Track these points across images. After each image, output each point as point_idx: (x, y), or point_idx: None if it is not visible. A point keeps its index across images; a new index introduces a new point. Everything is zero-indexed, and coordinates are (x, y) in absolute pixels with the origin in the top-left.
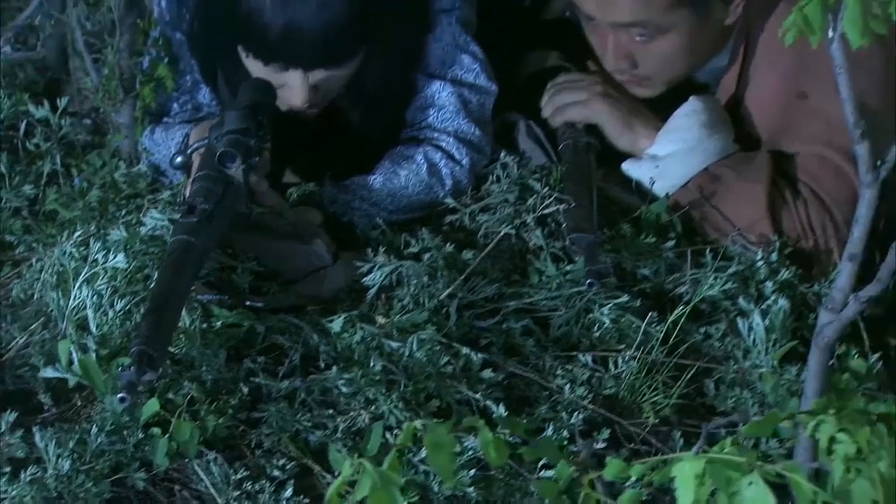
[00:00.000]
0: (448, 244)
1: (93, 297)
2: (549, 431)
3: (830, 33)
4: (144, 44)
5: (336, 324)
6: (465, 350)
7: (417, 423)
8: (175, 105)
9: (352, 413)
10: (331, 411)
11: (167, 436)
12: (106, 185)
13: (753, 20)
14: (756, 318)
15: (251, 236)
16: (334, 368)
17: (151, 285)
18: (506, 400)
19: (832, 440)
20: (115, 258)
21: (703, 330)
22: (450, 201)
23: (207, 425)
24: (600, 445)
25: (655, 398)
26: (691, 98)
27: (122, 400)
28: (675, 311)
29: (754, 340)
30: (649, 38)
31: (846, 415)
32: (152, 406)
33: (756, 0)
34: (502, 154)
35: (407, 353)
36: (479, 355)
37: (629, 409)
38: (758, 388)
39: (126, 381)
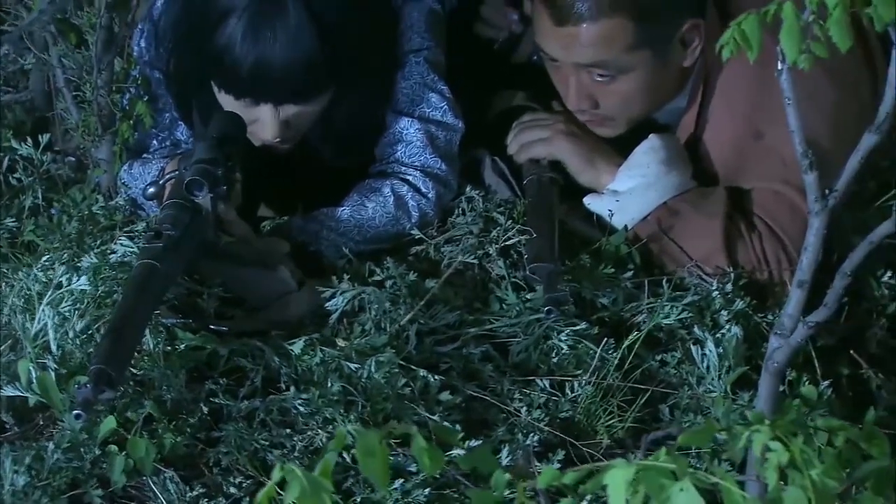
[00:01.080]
0: (412, 273)
1: (55, 318)
2: (505, 453)
3: (779, 65)
4: (125, 81)
5: (297, 346)
6: (422, 373)
7: (349, 428)
8: (154, 142)
9: (309, 433)
10: (288, 431)
11: (124, 453)
12: (84, 217)
13: (711, 64)
14: (710, 345)
15: (218, 264)
16: (293, 389)
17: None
18: (463, 422)
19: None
20: (78, 280)
21: (659, 357)
22: (416, 233)
23: (164, 443)
24: (555, 466)
25: (611, 422)
26: (651, 136)
27: (77, 416)
28: (630, 337)
29: (708, 367)
30: (610, 78)
31: (780, 425)
32: (109, 423)
33: (713, 45)
34: (468, 188)
35: (365, 375)
36: (438, 378)
37: (584, 432)
38: (711, 413)
39: (82, 398)
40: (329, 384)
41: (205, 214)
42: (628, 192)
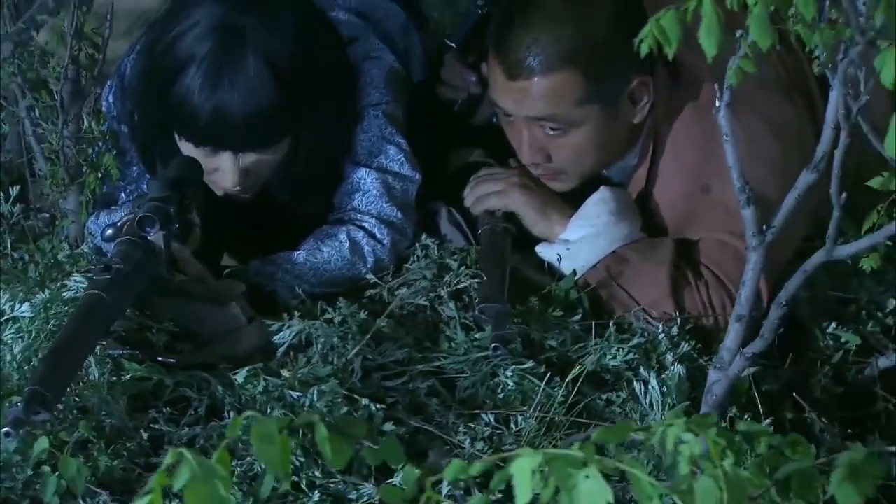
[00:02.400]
0: (363, 312)
1: None
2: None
3: (717, 102)
4: (93, 134)
5: (240, 375)
6: (365, 401)
7: (246, 414)
8: (122, 194)
9: (248, 458)
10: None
11: (56, 474)
12: (49, 264)
13: (661, 123)
14: (652, 382)
15: (169, 299)
16: (233, 415)
17: None
18: (406, 453)
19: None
20: (20, 308)
21: (605, 396)
22: (370, 277)
23: (99, 465)
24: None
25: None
26: (602, 188)
27: (6, 434)
28: (574, 371)
29: (651, 404)
30: (561, 132)
31: (696, 420)
32: (41, 444)
33: (663, 104)
34: (423, 236)
35: (308, 404)
36: (380, 406)
37: None
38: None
39: (12, 417)
40: (270, 410)
41: (157, 251)
42: (579, 241)
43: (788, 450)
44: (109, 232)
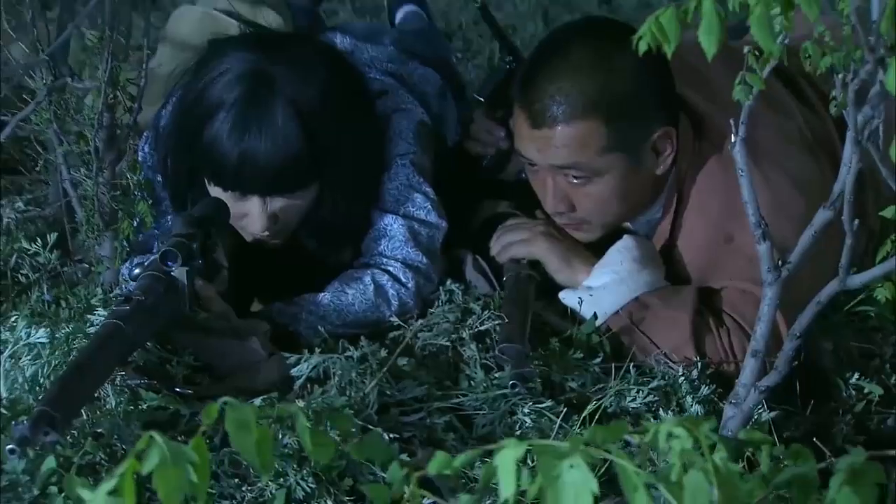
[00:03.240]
0: (384, 350)
1: (8, 364)
2: None
3: (733, 138)
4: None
5: (255, 403)
6: (378, 430)
7: (222, 400)
8: (157, 243)
9: (259, 484)
10: (237, 480)
11: (63, 495)
12: (82, 308)
13: (685, 176)
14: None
15: (190, 334)
16: None
17: None
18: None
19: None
20: (36, 334)
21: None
22: (394, 320)
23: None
24: None
25: None
26: (625, 236)
27: (11, 452)
28: (589, 407)
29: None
30: (585, 180)
31: (689, 420)
32: (49, 463)
33: (686, 158)
34: (448, 282)
35: None
36: (394, 436)
37: None
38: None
39: (18, 435)
40: (281, 437)
41: (180, 287)
42: (601, 287)
43: (790, 461)
44: (137, 271)
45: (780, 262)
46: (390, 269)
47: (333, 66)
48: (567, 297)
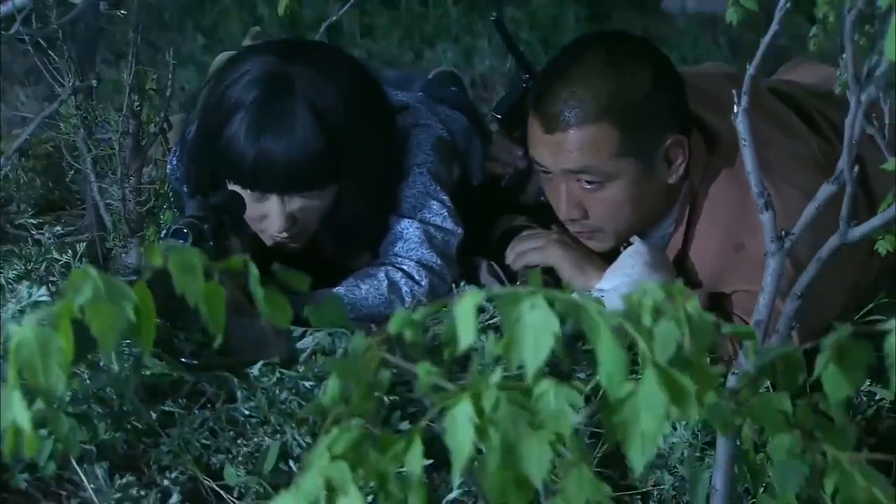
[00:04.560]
0: None
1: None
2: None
3: (735, 108)
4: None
5: (255, 368)
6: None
7: (167, 243)
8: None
9: (255, 439)
10: (232, 432)
11: (52, 437)
12: None
13: (697, 188)
14: None
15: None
16: (241, 394)
17: None
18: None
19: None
20: (38, 292)
21: None
22: None
23: (98, 432)
24: None
25: None
26: (637, 241)
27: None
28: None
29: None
30: (598, 185)
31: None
32: (37, 404)
33: (699, 171)
34: (462, 283)
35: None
36: (393, 398)
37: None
38: (678, 472)
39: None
40: (279, 393)
41: None
42: (613, 290)
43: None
44: None
45: (783, 234)
46: (404, 267)
47: (354, 73)
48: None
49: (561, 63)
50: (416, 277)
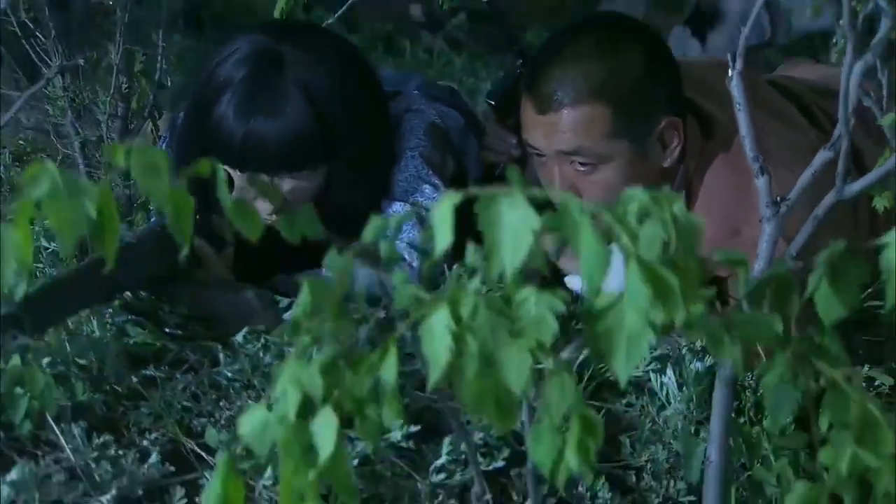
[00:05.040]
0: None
1: None
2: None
3: (730, 72)
4: None
5: (239, 335)
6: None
7: (128, 145)
8: None
9: (239, 403)
10: (215, 396)
11: (28, 395)
12: None
13: (692, 175)
14: (669, 374)
15: (186, 286)
16: (223, 357)
17: None
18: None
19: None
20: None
21: (624, 401)
22: None
23: (76, 391)
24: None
25: None
26: None
27: None
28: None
29: (667, 396)
30: (591, 167)
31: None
32: (14, 360)
33: (694, 157)
34: (455, 266)
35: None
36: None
37: None
38: (672, 446)
39: None
40: (263, 356)
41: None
42: (610, 276)
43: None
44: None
45: (778, 199)
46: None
47: (347, 54)
48: (572, 281)
49: (554, 44)
50: (408, 259)
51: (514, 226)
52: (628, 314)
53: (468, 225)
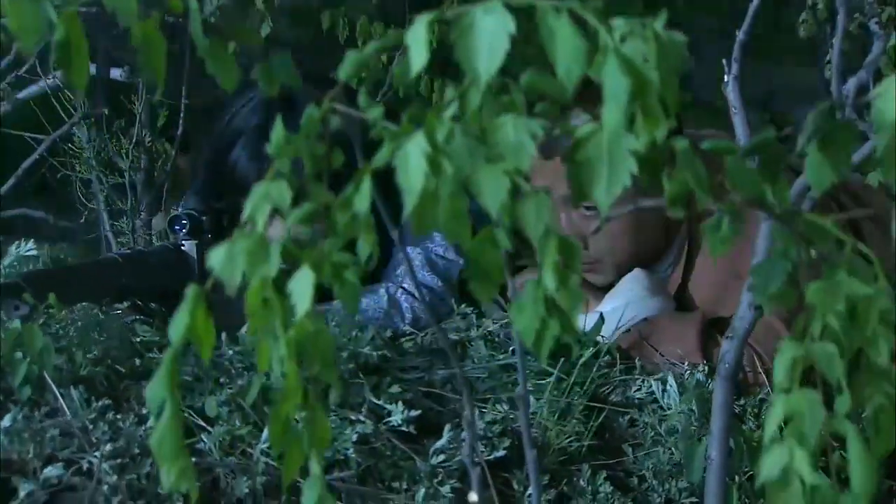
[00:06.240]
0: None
1: None
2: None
3: (726, 77)
4: None
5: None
6: (370, 353)
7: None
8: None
9: (240, 381)
10: (216, 374)
11: (27, 360)
12: None
13: (697, 221)
14: (670, 381)
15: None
16: (225, 337)
17: None
18: (413, 419)
19: None
20: (26, 246)
21: (627, 417)
22: (407, 328)
23: (76, 358)
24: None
25: (568, 440)
26: (636, 269)
27: None
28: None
29: (668, 397)
30: (596, 213)
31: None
32: (14, 325)
33: (695, 207)
34: (462, 306)
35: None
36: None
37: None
38: (674, 451)
39: None
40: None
41: (189, 260)
42: (612, 311)
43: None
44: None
45: None
46: (405, 285)
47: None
48: (579, 320)
49: None
50: (416, 295)
51: (489, 31)
52: (608, 109)
53: None
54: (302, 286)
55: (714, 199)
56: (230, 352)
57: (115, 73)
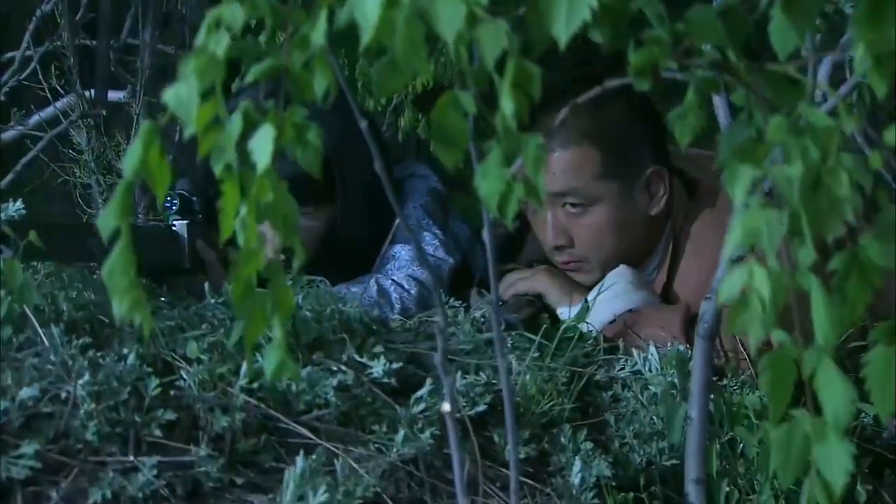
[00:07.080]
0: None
1: None
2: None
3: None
4: None
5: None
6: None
7: None
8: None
9: (223, 330)
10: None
11: (9, 297)
12: None
13: (679, 228)
14: (651, 350)
15: (184, 278)
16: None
17: None
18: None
19: None
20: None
21: (611, 393)
22: (397, 317)
23: (58, 300)
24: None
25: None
26: (620, 265)
27: None
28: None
29: (649, 368)
30: (582, 209)
31: None
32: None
33: (681, 212)
34: (451, 299)
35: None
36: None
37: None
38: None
39: None
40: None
41: (179, 239)
42: (598, 301)
43: None
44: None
45: None
46: (394, 277)
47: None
48: (565, 313)
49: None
50: (406, 286)
51: None
52: None
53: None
54: (262, 143)
55: (679, 65)
56: (213, 301)
57: (117, 96)
